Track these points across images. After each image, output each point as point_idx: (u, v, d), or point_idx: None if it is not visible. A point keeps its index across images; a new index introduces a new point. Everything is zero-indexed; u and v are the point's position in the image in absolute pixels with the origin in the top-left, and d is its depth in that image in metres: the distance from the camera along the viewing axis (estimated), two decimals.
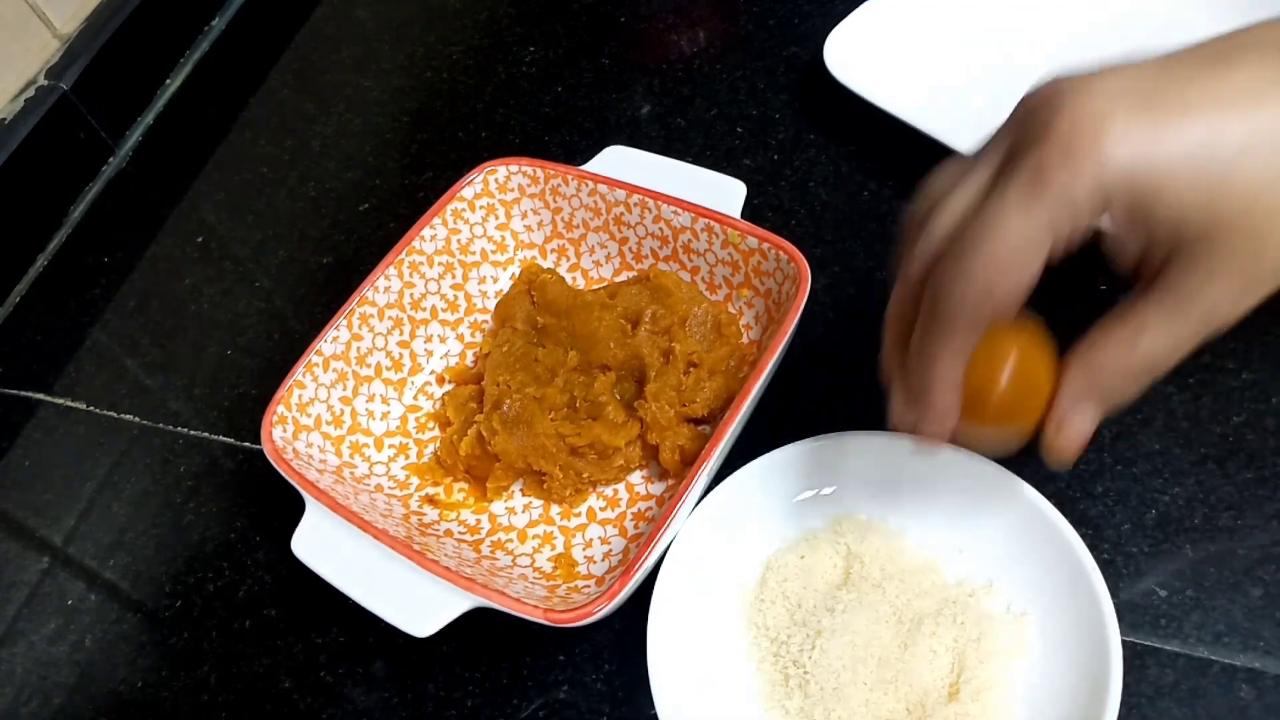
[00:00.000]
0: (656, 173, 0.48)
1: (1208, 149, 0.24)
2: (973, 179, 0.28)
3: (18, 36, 0.60)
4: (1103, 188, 0.25)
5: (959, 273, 0.26)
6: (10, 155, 0.58)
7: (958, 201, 0.28)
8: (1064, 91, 0.26)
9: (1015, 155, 0.26)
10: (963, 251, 0.26)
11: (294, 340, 0.52)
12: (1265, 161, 0.24)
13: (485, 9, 0.69)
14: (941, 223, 0.28)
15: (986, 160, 0.28)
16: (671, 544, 0.37)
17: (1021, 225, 0.25)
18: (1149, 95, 0.25)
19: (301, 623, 0.42)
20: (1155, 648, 0.35)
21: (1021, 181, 0.25)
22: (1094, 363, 0.28)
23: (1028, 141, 0.26)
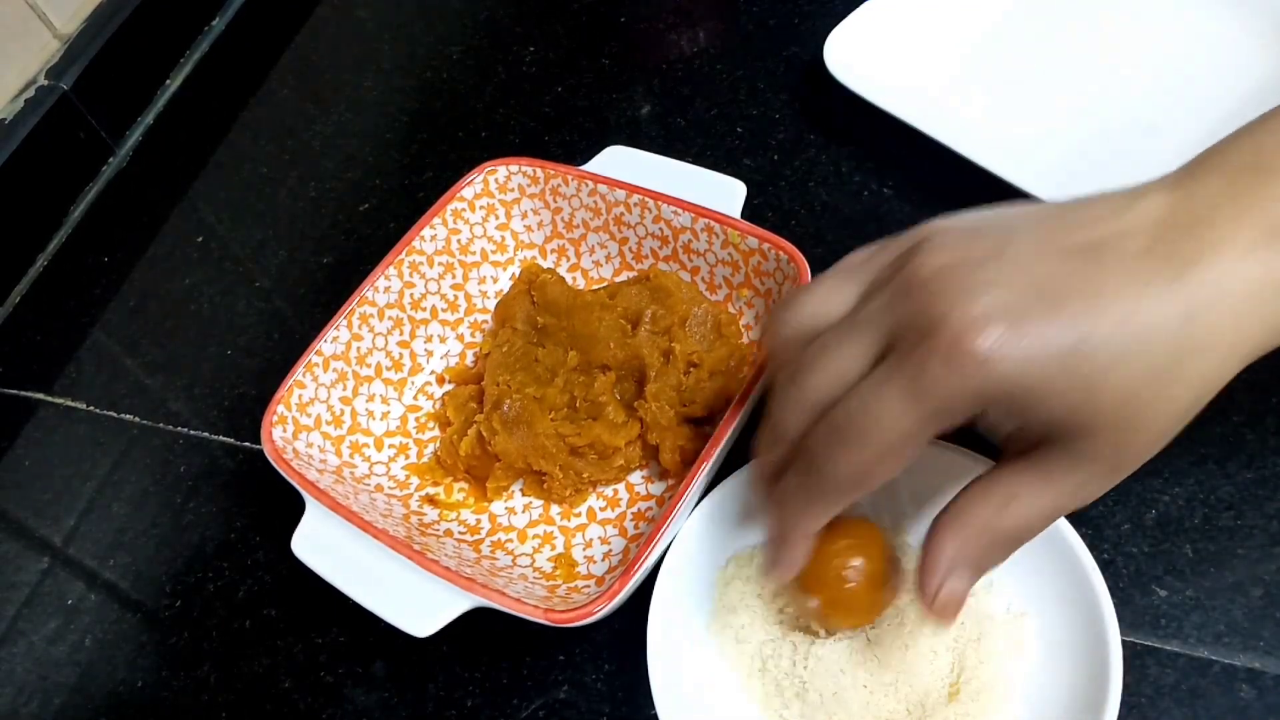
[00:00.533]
0: (656, 173, 0.48)
1: (1084, 354, 0.25)
2: (852, 343, 0.28)
3: (18, 36, 0.60)
4: (982, 395, 0.26)
5: (838, 454, 0.27)
6: (10, 155, 0.58)
7: (838, 364, 0.28)
8: (946, 285, 0.26)
9: (898, 344, 0.27)
10: (843, 435, 0.27)
11: (294, 340, 0.52)
12: (1137, 363, 0.25)
13: (485, 9, 0.69)
14: (820, 383, 0.28)
15: (866, 326, 0.28)
16: (671, 544, 0.37)
17: (902, 423, 0.26)
18: (1028, 300, 0.26)
19: (301, 623, 0.42)
20: (1155, 648, 0.35)
21: (904, 380, 0.26)
22: (966, 528, 0.29)
23: (910, 335, 0.27)
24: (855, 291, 0.30)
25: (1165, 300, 0.25)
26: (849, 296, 0.30)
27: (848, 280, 0.30)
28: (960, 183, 0.48)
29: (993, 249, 0.27)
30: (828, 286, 0.30)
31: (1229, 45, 0.51)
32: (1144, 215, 0.27)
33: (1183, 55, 0.52)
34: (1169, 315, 0.25)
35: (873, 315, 0.28)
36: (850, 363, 0.28)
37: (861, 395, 0.27)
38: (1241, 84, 0.49)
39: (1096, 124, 0.50)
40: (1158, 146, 0.48)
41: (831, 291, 0.30)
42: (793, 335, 0.30)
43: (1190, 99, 0.49)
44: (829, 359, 0.29)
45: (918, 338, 0.26)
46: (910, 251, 0.28)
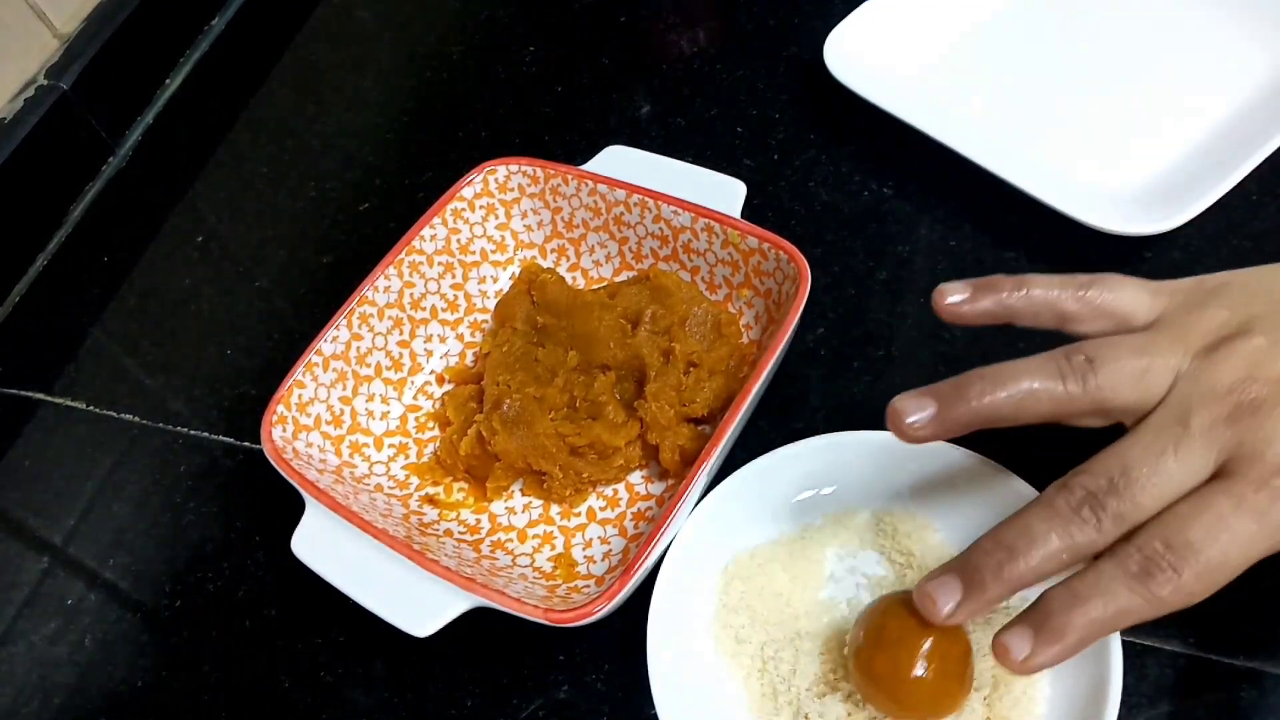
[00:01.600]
0: (656, 173, 0.48)
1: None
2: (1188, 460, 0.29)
3: (18, 36, 0.60)
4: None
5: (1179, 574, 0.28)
6: (10, 155, 0.58)
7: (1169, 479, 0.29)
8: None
9: (1241, 468, 0.28)
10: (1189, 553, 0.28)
11: (294, 340, 0.52)
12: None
13: (485, 9, 0.69)
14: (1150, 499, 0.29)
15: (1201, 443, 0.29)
16: (671, 544, 0.37)
17: (1245, 546, 0.28)
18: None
19: (301, 623, 0.42)
20: (1155, 648, 0.35)
21: (1252, 510, 0.28)
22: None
23: (1257, 460, 0.28)
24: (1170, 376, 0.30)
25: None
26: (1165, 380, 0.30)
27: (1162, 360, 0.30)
28: (960, 183, 0.48)
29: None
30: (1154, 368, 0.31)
31: (1229, 45, 0.51)
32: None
33: (1183, 55, 0.52)
34: None
35: (1206, 435, 0.29)
36: (1182, 480, 0.29)
37: (1212, 516, 0.28)
38: (1241, 84, 0.49)
39: (1096, 124, 0.50)
40: (1157, 146, 0.48)
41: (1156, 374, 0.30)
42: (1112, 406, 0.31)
43: (1190, 99, 0.49)
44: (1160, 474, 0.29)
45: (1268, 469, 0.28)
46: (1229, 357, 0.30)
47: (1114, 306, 0.33)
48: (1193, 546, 0.28)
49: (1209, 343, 0.30)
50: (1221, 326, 0.31)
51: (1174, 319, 0.32)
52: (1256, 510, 0.28)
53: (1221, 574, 0.28)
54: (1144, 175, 0.47)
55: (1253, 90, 0.49)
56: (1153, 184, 0.47)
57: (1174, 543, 0.28)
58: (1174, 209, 0.43)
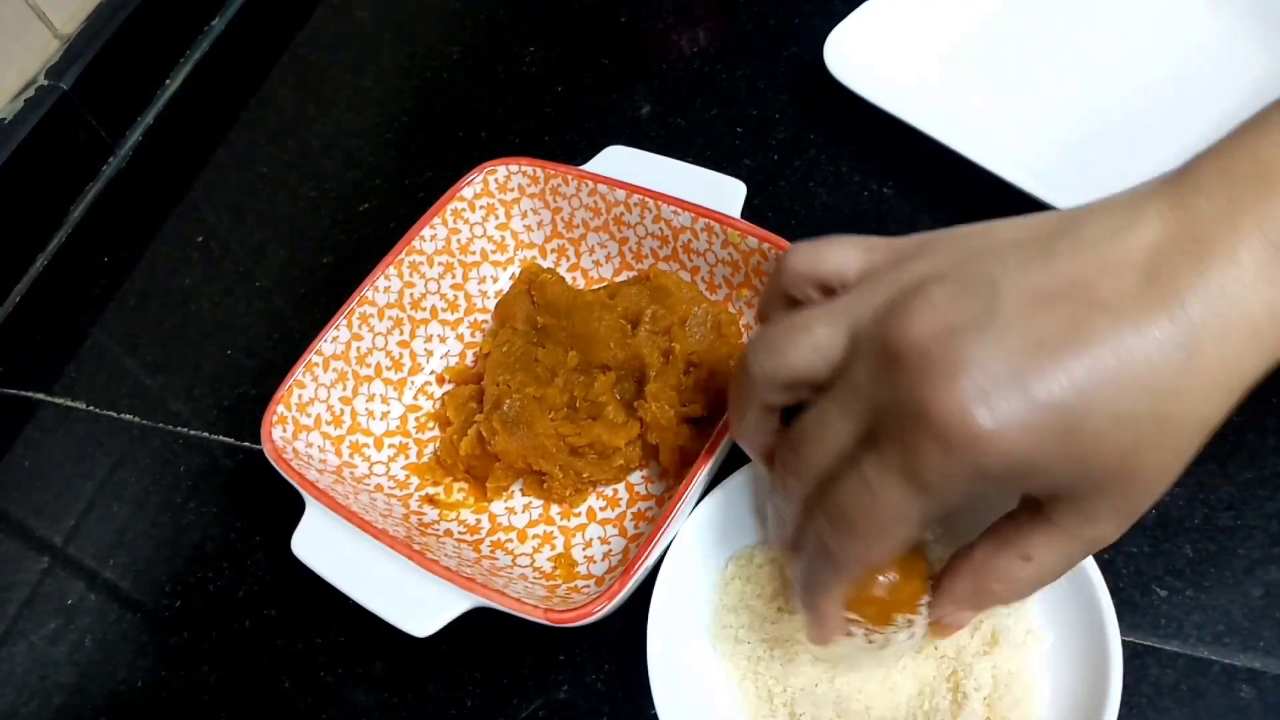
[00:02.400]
0: (656, 173, 0.48)
1: (1080, 419, 0.25)
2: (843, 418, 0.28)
3: (18, 36, 0.60)
4: (979, 474, 0.25)
5: (845, 542, 0.28)
6: (10, 155, 0.58)
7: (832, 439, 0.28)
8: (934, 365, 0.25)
9: (887, 423, 0.27)
10: (847, 525, 0.28)
11: (294, 340, 0.52)
12: (1135, 419, 0.25)
13: (485, 9, 0.69)
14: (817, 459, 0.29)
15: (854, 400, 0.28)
16: (671, 544, 0.37)
17: (901, 509, 0.27)
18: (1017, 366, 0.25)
19: (301, 623, 0.42)
20: (1155, 648, 0.35)
21: (899, 467, 0.26)
22: (982, 576, 0.30)
23: (900, 418, 0.26)
24: (843, 337, 0.29)
25: (1162, 344, 0.24)
26: (838, 344, 0.29)
27: (834, 324, 0.29)
28: (960, 183, 0.48)
29: (980, 311, 0.26)
30: (816, 332, 0.29)
31: (1229, 45, 0.51)
32: (1140, 240, 0.26)
33: (1182, 55, 0.52)
34: (1166, 362, 0.24)
35: (859, 389, 0.28)
36: (845, 437, 0.28)
37: (854, 480, 0.27)
38: (1241, 84, 0.49)
39: (1096, 124, 0.50)
40: (1157, 146, 0.48)
41: (822, 336, 0.29)
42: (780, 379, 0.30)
43: (1190, 99, 0.49)
44: (825, 432, 0.29)
45: (907, 423, 0.26)
46: (894, 310, 0.27)
47: (820, 269, 0.31)
48: (845, 514, 0.27)
49: (890, 294, 0.28)
50: (912, 281, 0.28)
51: (872, 276, 0.30)
52: (898, 469, 0.26)
53: (883, 535, 0.27)
54: (1144, 175, 0.47)
55: (1253, 90, 0.49)
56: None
57: (831, 513, 0.28)
58: None
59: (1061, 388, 0.24)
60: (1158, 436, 0.25)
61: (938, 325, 0.26)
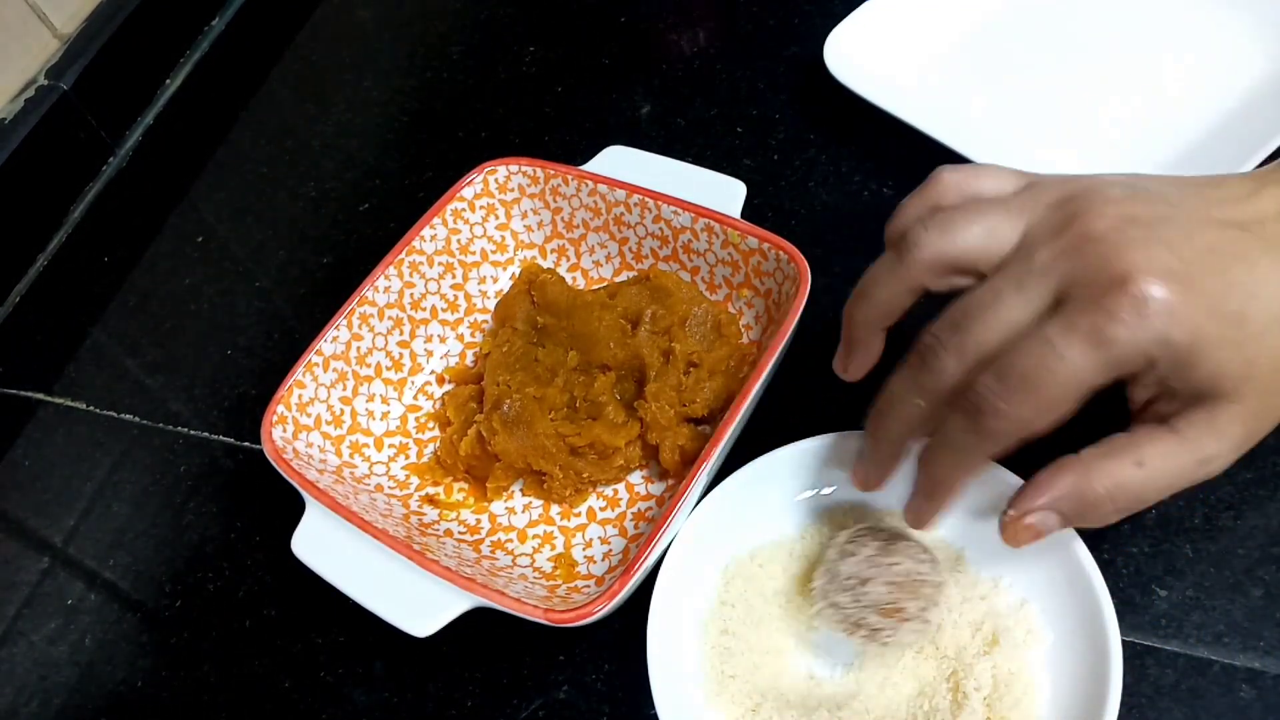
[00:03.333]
0: (656, 173, 0.48)
1: (1248, 317, 0.27)
2: (1024, 294, 0.29)
3: (18, 36, 0.60)
4: (1160, 348, 0.27)
5: (1015, 400, 0.28)
6: (10, 155, 0.58)
7: (1008, 314, 0.29)
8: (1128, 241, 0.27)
9: (1075, 295, 0.28)
10: (1022, 382, 0.27)
11: (294, 340, 0.52)
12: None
13: (485, 9, 0.69)
14: (988, 334, 0.29)
15: (1042, 276, 0.29)
16: (671, 544, 0.37)
17: (1075, 373, 0.27)
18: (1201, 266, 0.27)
19: (301, 623, 0.42)
20: (1155, 648, 0.35)
21: (1086, 329, 0.27)
22: (1089, 474, 0.29)
23: (1091, 283, 0.27)
24: (1018, 228, 0.30)
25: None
26: (1013, 231, 0.30)
27: (1008, 216, 0.30)
28: None
29: (1160, 213, 0.28)
30: (991, 219, 0.30)
31: (1229, 45, 0.51)
32: (1270, 204, 0.29)
33: (1182, 55, 0.52)
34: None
35: (1045, 267, 0.28)
36: (1021, 314, 0.28)
37: (1040, 342, 0.27)
38: (1241, 84, 0.49)
39: (1096, 124, 0.50)
40: (1158, 146, 0.48)
41: (996, 224, 0.30)
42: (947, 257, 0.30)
43: (1190, 99, 0.49)
44: (999, 309, 0.29)
45: (1100, 291, 0.27)
46: (1075, 203, 0.29)
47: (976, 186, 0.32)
48: (1020, 374, 0.27)
49: (1064, 195, 0.30)
50: (1083, 187, 0.30)
51: (1036, 185, 0.31)
52: (1086, 331, 0.27)
53: (1054, 399, 0.27)
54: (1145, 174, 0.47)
55: (1253, 90, 0.49)
56: None
57: (1003, 373, 0.28)
58: None
59: (1235, 291, 0.27)
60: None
61: (1125, 212, 0.28)
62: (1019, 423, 0.28)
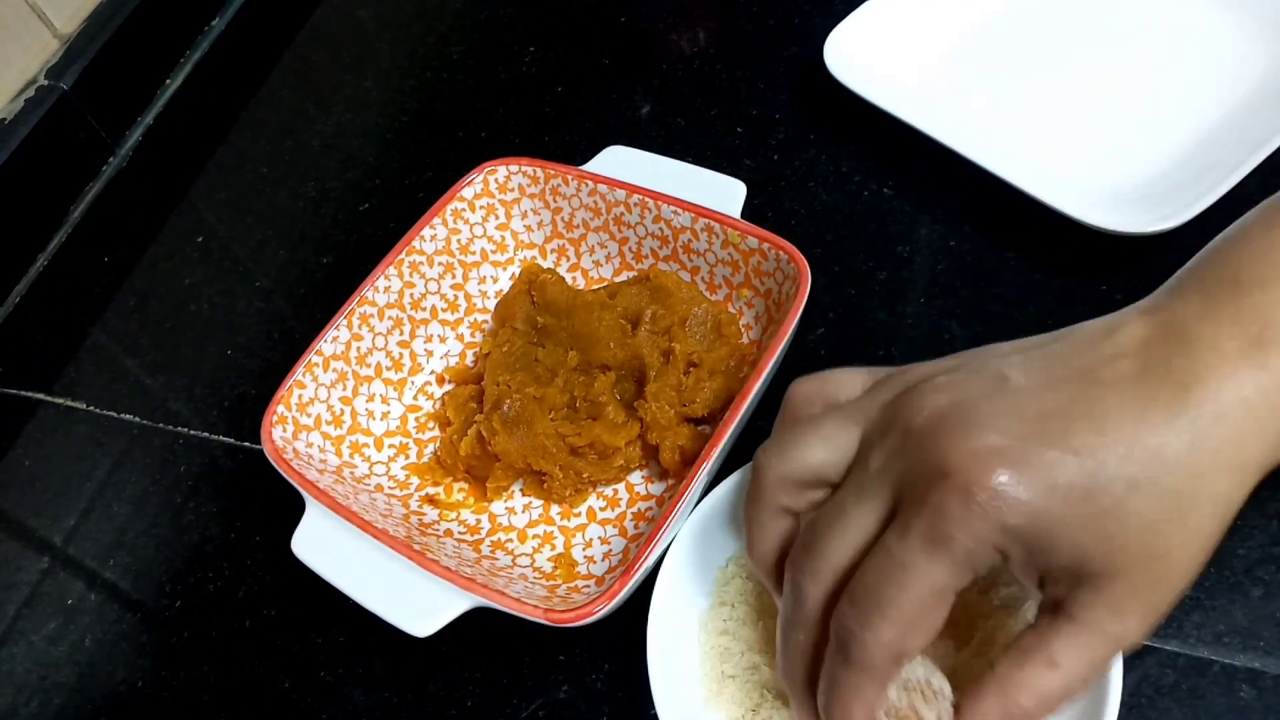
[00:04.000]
0: (656, 173, 0.48)
1: (1100, 485, 0.25)
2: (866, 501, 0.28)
3: (18, 36, 0.60)
4: (1003, 538, 0.25)
5: (873, 626, 0.26)
6: (10, 155, 0.58)
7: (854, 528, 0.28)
8: (948, 429, 0.26)
9: (908, 495, 0.27)
10: (874, 604, 0.26)
11: (294, 340, 0.52)
12: (1152, 489, 0.25)
13: (485, 9, 0.69)
14: (839, 551, 0.28)
15: (876, 481, 0.28)
16: (671, 544, 0.37)
17: (924, 584, 0.26)
18: (1033, 436, 0.26)
19: (301, 623, 0.42)
20: (1155, 648, 0.35)
21: (920, 535, 0.26)
22: (1007, 692, 0.27)
23: (919, 483, 0.26)
24: (855, 434, 0.29)
25: (1167, 425, 0.25)
26: (850, 440, 0.29)
27: (845, 425, 0.29)
28: (960, 183, 0.48)
29: (989, 387, 0.27)
30: (826, 430, 0.30)
31: (1229, 45, 0.51)
32: (1128, 339, 0.27)
33: (1182, 56, 0.52)
34: (1174, 440, 0.25)
35: (879, 471, 0.28)
36: (866, 521, 0.27)
37: (883, 555, 0.26)
38: (1241, 84, 0.49)
39: (1096, 124, 0.50)
40: (1158, 147, 0.48)
41: (833, 434, 0.29)
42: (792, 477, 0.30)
43: (1190, 98, 0.49)
44: (844, 522, 0.28)
45: (927, 486, 0.26)
46: (899, 401, 0.28)
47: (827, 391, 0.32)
48: (869, 594, 0.26)
49: (895, 393, 0.29)
50: (918, 377, 0.29)
51: (878, 384, 0.31)
52: (922, 534, 0.26)
53: (912, 612, 0.26)
54: (1144, 175, 0.47)
55: (1253, 90, 0.49)
56: (1153, 184, 0.47)
57: (855, 596, 0.27)
58: (1174, 209, 0.43)
59: (1078, 452, 0.25)
60: (1178, 511, 0.25)
61: (951, 398, 0.27)
62: (887, 646, 0.27)
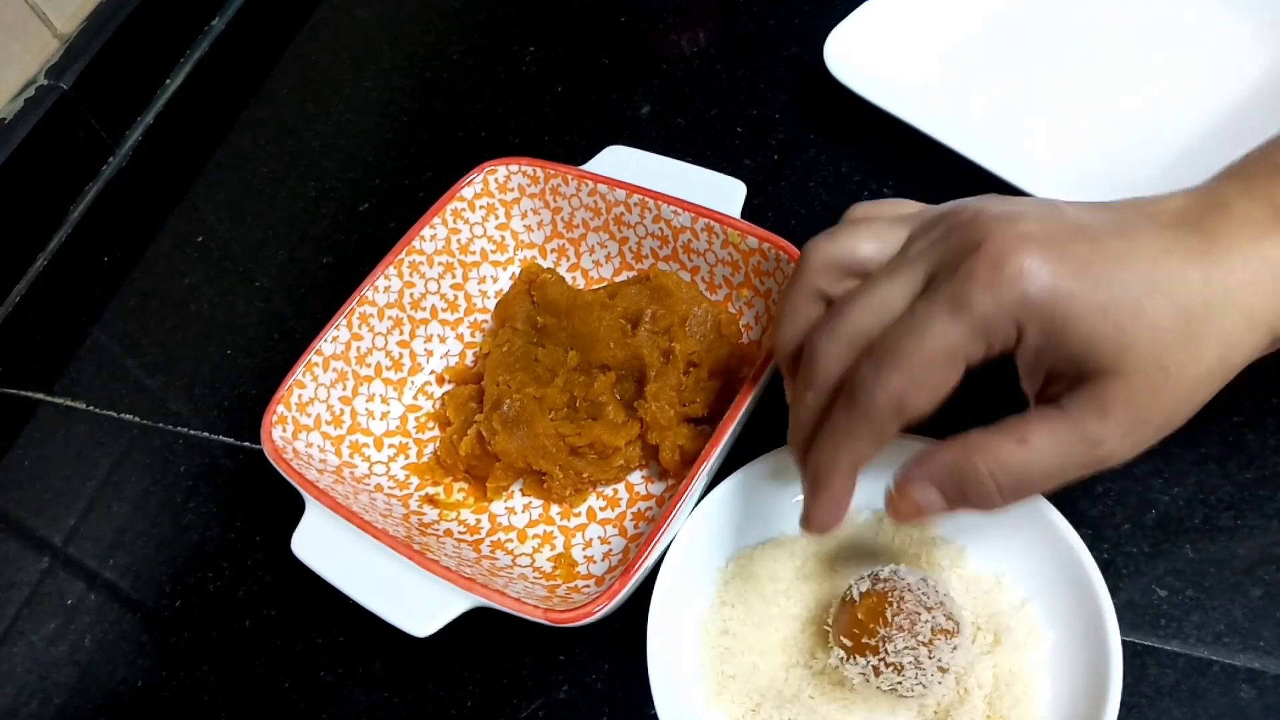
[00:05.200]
0: (656, 173, 0.48)
1: (1119, 285, 0.26)
2: (897, 279, 0.29)
3: (18, 36, 0.60)
4: (1022, 310, 0.26)
5: (883, 376, 0.28)
6: (10, 155, 0.58)
7: (881, 298, 0.29)
8: (992, 216, 0.28)
9: (942, 268, 0.28)
10: (888, 358, 0.28)
11: (294, 340, 0.52)
12: (1166, 304, 0.26)
13: (485, 9, 0.69)
14: (862, 319, 0.29)
15: (914, 261, 0.29)
16: (671, 544, 0.37)
17: (940, 340, 0.27)
18: (1068, 235, 0.27)
19: (301, 623, 0.42)
20: (1155, 648, 0.35)
21: (945, 296, 0.27)
22: (970, 449, 0.28)
23: (955, 256, 0.28)
24: (902, 235, 0.30)
25: (1191, 258, 0.27)
26: (897, 238, 0.30)
27: (894, 227, 0.31)
28: (960, 183, 0.48)
29: (1041, 208, 0.28)
30: (877, 227, 0.31)
31: (1229, 45, 0.51)
32: (1171, 203, 0.29)
33: (1182, 55, 0.52)
34: (1194, 270, 0.27)
35: (917, 254, 0.29)
36: (894, 296, 0.28)
37: (905, 317, 0.28)
38: (1241, 84, 0.49)
39: (1096, 124, 0.50)
40: (1157, 146, 0.48)
41: (881, 230, 0.31)
42: (836, 260, 0.31)
43: (1190, 99, 0.49)
44: (873, 294, 0.29)
45: (960, 256, 0.27)
46: (950, 207, 0.30)
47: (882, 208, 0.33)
48: (887, 348, 0.28)
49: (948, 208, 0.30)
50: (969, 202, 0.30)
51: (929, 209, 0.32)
52: (947, 297, 0.27)
53: (923, 370, 0.27)
54: (1145, 174, 0.47)
55: (1252, 90, 0.49)
56: (1153, 183, 0.46)
57: (874, 350, 0.28)
58: None
59: (1105, 261, 0.26)
60: (1185, 337, 0.26)
61: (1003, 208, 0.28)
62: (892, 397, 0.27)
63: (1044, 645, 0.34)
